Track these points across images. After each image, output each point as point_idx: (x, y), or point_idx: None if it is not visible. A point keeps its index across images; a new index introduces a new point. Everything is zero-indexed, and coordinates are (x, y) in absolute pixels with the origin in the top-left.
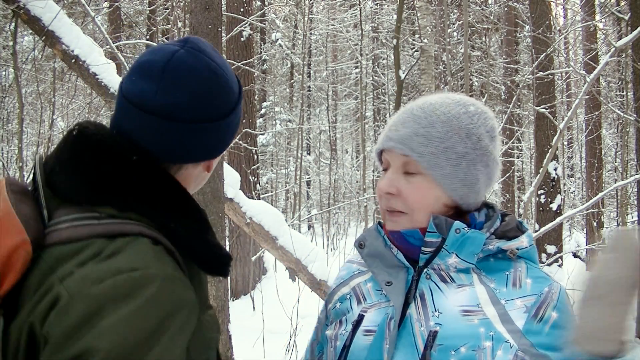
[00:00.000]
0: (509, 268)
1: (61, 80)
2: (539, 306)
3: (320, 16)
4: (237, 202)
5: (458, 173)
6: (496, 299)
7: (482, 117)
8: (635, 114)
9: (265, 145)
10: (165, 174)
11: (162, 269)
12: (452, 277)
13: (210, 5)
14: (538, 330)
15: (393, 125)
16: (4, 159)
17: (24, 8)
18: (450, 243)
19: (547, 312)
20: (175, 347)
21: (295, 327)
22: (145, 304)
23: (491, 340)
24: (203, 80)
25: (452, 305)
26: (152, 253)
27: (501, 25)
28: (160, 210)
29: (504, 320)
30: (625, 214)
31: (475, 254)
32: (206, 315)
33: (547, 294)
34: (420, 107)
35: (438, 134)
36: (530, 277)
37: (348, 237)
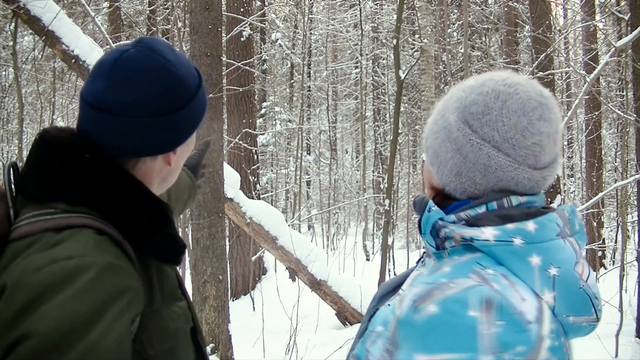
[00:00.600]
0: (454, 256)
1: (61, 80)
2: (423, 296)
3: (320, 16)
4: (237, 202)
5: (435, 147)
6: (412, 284)
7: (467, 91)
8: (635, 114)
9: (265, 145)
10: (116, 169)
11: (100, 257)
12: (425, 261)
13: (210, 5)
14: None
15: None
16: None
17: (24, 8)
18: (422, 223)
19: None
20: (112, 332)
21: (295, 327)
22: (82, 290)
23: (383, 325)
24: (151, 77)
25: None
26: (93, 242)
27: (501, 25)
28: (107, 202)
29: (398, 305)
30: (625, 214)
31: (430, 235)
32: (174, 307)
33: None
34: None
35: (437, 107)
36: (452, 267)
37: (348, 237)
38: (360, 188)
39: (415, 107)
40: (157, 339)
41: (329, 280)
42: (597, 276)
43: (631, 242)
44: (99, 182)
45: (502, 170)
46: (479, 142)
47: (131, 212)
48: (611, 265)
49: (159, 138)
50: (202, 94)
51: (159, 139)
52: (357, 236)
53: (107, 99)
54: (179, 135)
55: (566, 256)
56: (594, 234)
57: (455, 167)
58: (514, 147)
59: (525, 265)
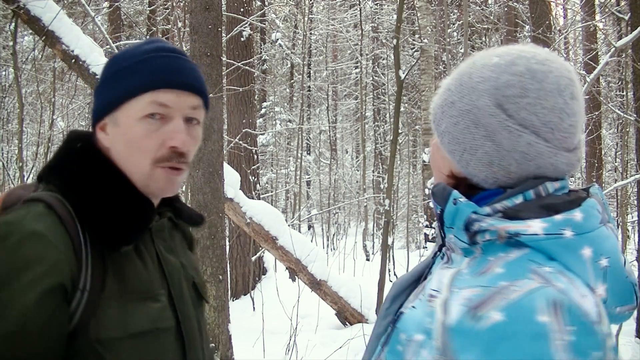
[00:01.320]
0: (495, 253)
1: (61, 80)
2: (481, 301)
3: (320, 16)
4: (237, 202)
5: (456, 133)
6: (452, 285)
7: (497, 71)
8: (635, 114)
9: (265, 145)
10: (86, 152)
11: (30, 225)
12: (452, 258)
13: (210, 5)
14: (466, 331)
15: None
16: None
17: (24, 8)
18: (446, 215)
19: (487, 312)
20: (25, 296)
21: (295, 327)
22: (4, 252)
23: (424, 333)
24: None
25: (429, 289)
26: (35, 213)
27: (501, 25)
28: (67, 182)
29: (444, 310)
30: (625, 214)
31: (461, 229)
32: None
33: (501, 288)
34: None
35: (448, 87)
36: (505, 267)
37: (348, 237)
38: (360, 188)
39: (415, 107)
40: (105, 327)
41: (329, 280)
42: None
43: (631, 242)
44: (68, 164)
45: (542, 157)
46: (517, 128)
47: (82, 192)
48: None
49: (93, 108)
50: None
51: (93, 109)
52: (357, 236)
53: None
54: (101, 101)
55: (612, 244)
56: None
57: (487, 155)
58: (553, 132)
59: (578, 259)
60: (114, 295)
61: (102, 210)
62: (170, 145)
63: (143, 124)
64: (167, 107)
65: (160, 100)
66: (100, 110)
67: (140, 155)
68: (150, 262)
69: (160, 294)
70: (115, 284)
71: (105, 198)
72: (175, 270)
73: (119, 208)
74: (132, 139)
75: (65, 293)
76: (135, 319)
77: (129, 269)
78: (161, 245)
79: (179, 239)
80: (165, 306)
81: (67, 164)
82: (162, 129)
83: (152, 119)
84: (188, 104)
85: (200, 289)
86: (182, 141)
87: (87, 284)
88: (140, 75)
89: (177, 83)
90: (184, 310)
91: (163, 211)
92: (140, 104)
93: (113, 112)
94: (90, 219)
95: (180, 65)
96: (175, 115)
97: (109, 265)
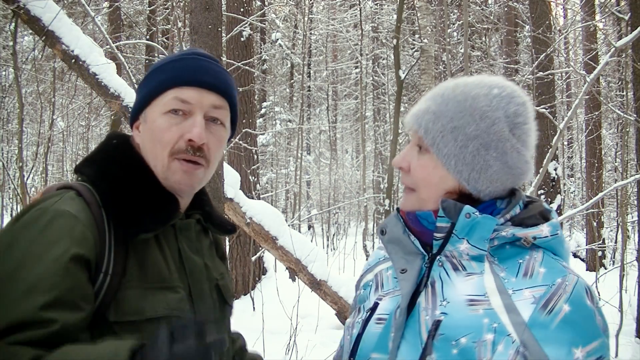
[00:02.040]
0: (523, 256)
1: (61, 80)
2: (549, 297)
3: (320, 16)
4: (237, 202)
5: (465, 155)
6: (503, 288)
7: (504, 101)
8: (635, 114)
9: (265, 145)
10: (118, 148)
11: (60, 206)
12: (463, 264)
13: (210, 5)
14: (545, 323)
15: (418, 102)
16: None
17: (24, 8)
18: (460, 228)
19: (558, 305)
20: (44, 265)
21: (295, 327)
22: (36, 232)
23: (493, 332)
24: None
25: (459, 295)
26: (66, 198)
27: (501, 25)
28: (96, 173)
29: (510, 310)
30: (625, 214)
31: (485, 239)
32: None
33: (559, 285)
34: (447, 86)
35: (449, 112)
36: (545, 266)
37: (348, 237)
38: (360, 188)
39: None
40: (122, 310)
41: (329, 280)
42: (597, 276)
43: (631, 242)
44: (101, 158)
45: (529, 171)
46: (522, 149)
47: (109, 182)
48: (611, 265)
49: (131, 110)
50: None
51: (131, 111)
52: (357, 236)
53: None
54: (136, 102)
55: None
56: (594, 234)
57: (495, 174)
58: (532, 148)
59: (565, 250)
60: (134, 280)
61: (124, 199)
62: (187, 138)
63: (165, 118)
64: (188, 104)
65: (181, 97)
66: (135, 110)
67: (160, 147)
68: (171, 256)
69: (178, 287)
70: (136, 270)
71: (129, 188)
72: (197, 269)
73: (140, 198)
74: (155, 132)
75: (89, 270)
76: (152, 305)
77: (149, 258)
78: (185, 244)
79: (207, 244)
80: (184, 299)
81: (100, 158)
82: (183, 124)
83: (174, 114)
84: (210, 102)
85: (224, 292)
86: (199, 134)
87: (110, 268)
88: (167, 73)
89: (199, 81)
90: (201, 307)
91: (192, 213)
92: (164, 100)
93: (144, 110)
94: (113, 205)
95: (206, 66)
96: (197, 111)
97: (131, 252)
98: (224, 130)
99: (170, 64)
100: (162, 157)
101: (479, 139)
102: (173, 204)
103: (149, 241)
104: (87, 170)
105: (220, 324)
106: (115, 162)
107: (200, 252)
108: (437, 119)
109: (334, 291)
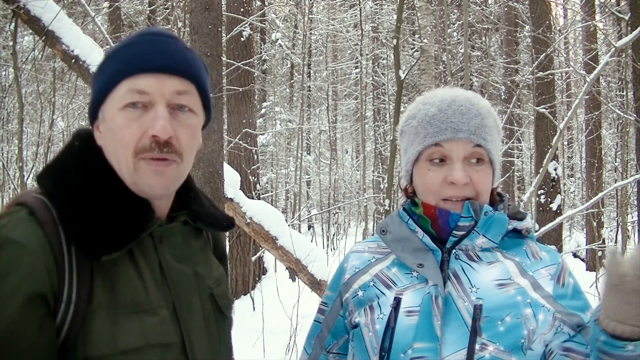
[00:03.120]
0: (524, 244)
1: (61, 80)
2: (559, 274)
3: (320, 16)
4: (237, 202)
5: (499, 159)
6: (524, 270)
7: (492, 108)
8: (635, 114)
9: (265, 145)
10: (82, 152)
11: (7, 232)
12: (478, 255)
13: (210, 5)
14: (564, 294)
15: (451, 117)
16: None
17: (24, 8)
18: (482, 225)
19: (567, 279)
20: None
21: (295, 327)
22: None
23: (530, 307)
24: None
25: (487, 280)
26: (15, 220)
27: (501, 25)
28: (53, 183)
29: (536, 287)
30: (625, 214)
31: (501, 234)
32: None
33: (563, 263)
34: (467, 99)
35: (494, 124)
36: (544, 250)
37: (348, 237)
38: (360, 188)
39: None
40: (93, 342)
41: (329, 280)
42: (597, 276)
43: (631, 242)
44: (60, 165)
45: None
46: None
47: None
48: None
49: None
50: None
51: (88, 109)
52: (357, 236)
53: None
54: (92, 99)
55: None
56: (594, 234)
57: (499, 175)
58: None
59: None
60: (103, 307)
61: (83, 214)
62: (151, 134)
63: (123, 114)
64: (146, 94)
65: (137, 87)
66: (92, 107)
67: (123, 148)
68: (149, 272)
69: (158, 307)
70: (105, 295)
71: (89, 201)
72: (184, 281)
73: (102, 211)
74: (114, 131)
75: (48, 304)
76: (126, 334)
77: (120, 279)
78: (168, 253)
79: (199, 246)
80: (165, 320)
81: (59, 165)
82: (143, 118)
83: (132, 108)
84: (171, 88)
85: (220, 301)
86: (163, 128)
87: (73, 295)
88: (118, 62)
89: (155, 66)
90: (190, 324)
91: (177, 215)
92: (119, 93)
93: (101, 107)
94: (70, 223)
95: (163, 47)
96: (157, 101)
97: (97, 274)
98: (195, 117)
99: (122, 50)
100: (126, 159)
101: (498, 144)
102: (145, 212)
103: (119, 258)
104: (44, 181)
105: (215, 342)
106: (74, 170)
107: (188, 259)
108: (491, 130)
109: None
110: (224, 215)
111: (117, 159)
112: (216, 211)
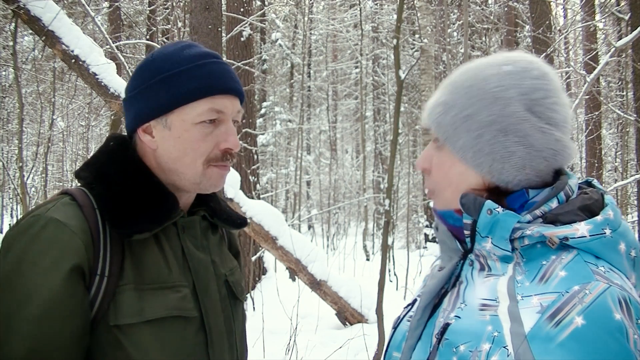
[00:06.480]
0: (549, 258)
1: (61, 80)
2: (559, 307)
3: (320, 16)
4: (237, 202)
5: (482, 145)
6: (513, 293)
7: (516, 77)
8: (635, 114)
9: (265, 145)
10: (115, 150)
11: (51, 214)
12: (489, 265)
13: (210, 5)
14: (549, 337)
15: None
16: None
17: (24, 8)
18: (482, 225)
19: (570, 316)
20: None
21: (295, 327)
22: (28, 238)
23: (491, 342)
24: (137, 68)
25: (476, 298)
26: (60, 204)
27: (501, 25)
28: (92, 175)
29: (513, 319)
30: (625, 214)
31: (505, 239)
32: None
33: (575, 293)
34: (459, 71)
35: (459, 100)
36: (566, 270)
37: (348, 237)
38: (360, 188)
39: (415, 107)
40: (122, 313)
41: (329, 280)
42: None
43: None
44: (97, 161)
45: (565, 149)
46: (548, 128)
47: (104, 184)
48: None
49: (134, 112)
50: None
51: (133, 113)
52: (357, 236)
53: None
54: (147, 105)
55: (633, 235)
56: None
57: (520, 160)
58: (566, 124)
59: (617, 254)
60: (131, 282)
61: (118, 200)
62: (224, 147)
63: (199, 128)
64: (222, 113)
65: (217, 107)
66: (146, 114)
67: (194, 156)
68: (172, 255)
69: (180, 285)
70: (133, 272)
71: (124, 189)
72: (202, 266)
73: (135, 198)
74: (187, 142)
75: (84, 277)
76: (151, 306)
77: (147, 258)
78: (189, 241)
79: (216, 240)
80: (187, 297)
81: (97, 161)
82: (215, 132)
83: (208, 123)
84: (237, 108)
85: (234, 287)
86: (235, 143)
87: (106, 270)
88: (198, 80)
89: (228, 88)
90: (208, 304)
91: (197, 210)
92: (198, 109)
93: (163, 115)
94: (107, 207)
95: (228, 71)
96: (227, 119)
97: (127, 253)
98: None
99: (198, 69)
100: (197, 165)
101: (494, 124)
102: (171, 203)
103: (147, 241)
104: (84, 174)
105: (230, 322)
106: (111, 164)
107: (206, 248)
108: (448, 109)
109: (334, 291)
110: (237, 214)
111: (183, 163)
112: (231, 210)
